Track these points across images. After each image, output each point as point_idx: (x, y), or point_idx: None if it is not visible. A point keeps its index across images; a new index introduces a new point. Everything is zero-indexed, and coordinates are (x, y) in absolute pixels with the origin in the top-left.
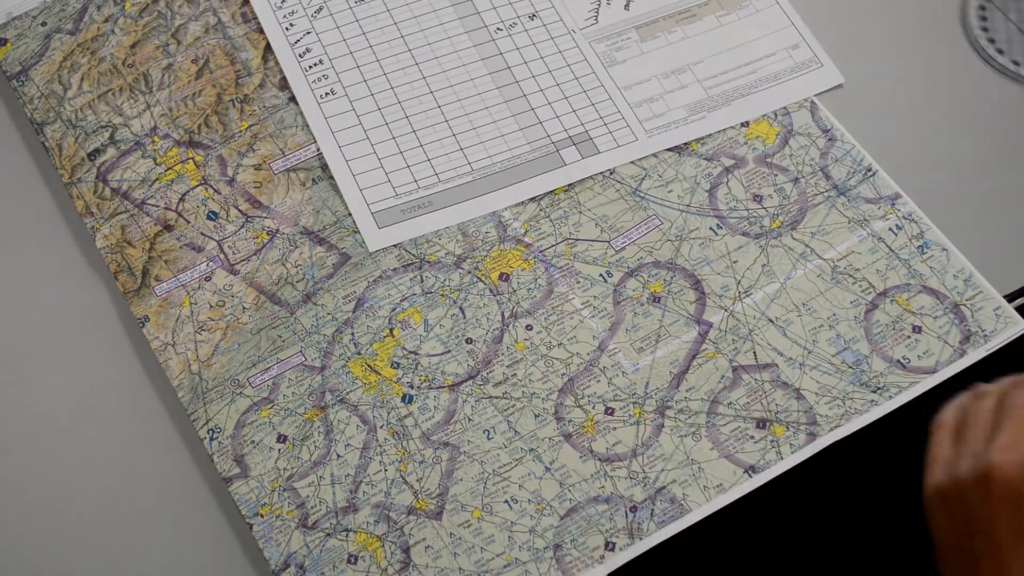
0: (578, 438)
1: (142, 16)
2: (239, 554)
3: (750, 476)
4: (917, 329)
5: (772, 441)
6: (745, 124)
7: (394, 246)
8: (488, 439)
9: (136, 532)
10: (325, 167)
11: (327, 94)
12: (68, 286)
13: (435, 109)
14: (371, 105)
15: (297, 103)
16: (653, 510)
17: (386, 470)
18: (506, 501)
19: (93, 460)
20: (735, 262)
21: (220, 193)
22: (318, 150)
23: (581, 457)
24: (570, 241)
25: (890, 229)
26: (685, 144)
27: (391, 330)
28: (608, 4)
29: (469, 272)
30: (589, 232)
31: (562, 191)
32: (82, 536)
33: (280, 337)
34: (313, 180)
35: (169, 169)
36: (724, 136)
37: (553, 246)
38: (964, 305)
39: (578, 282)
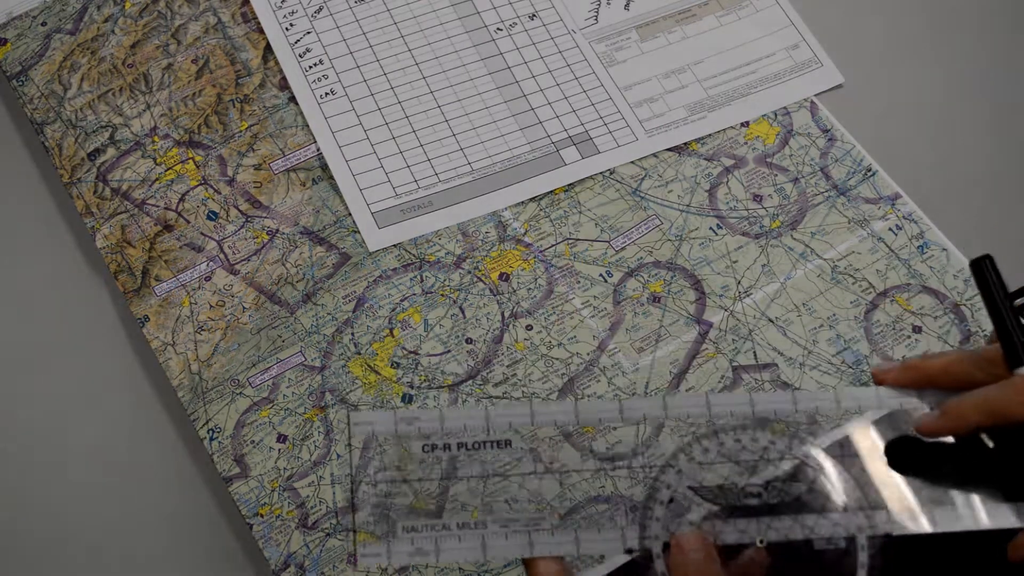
0: (578, 438)
1: (142, 16)
2: (239, 554)
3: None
4: (917, 329)
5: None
6: (745, 124)
7: (394, 246)
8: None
9: (136, 532)
10: (325, 167)
11: (327, 94)
12: (68, 286)
13: (435, 109)
14: (371, 105)
15: (297, 103)
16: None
17: (386, 470)
18: (506, 501)
19: (93, 460)
20: (735, 262)
21: (220, 193)
22: (318, 150)
23: (581, 457)
24: (570, 241)
25: (890, 229)
26: (685, 144)
27: (391, 330)
28: (608, 4)
29: (469, 272)
30: (589, 232)
31: (562, 191)
32: (82, 536)
33: (280, 337)
34: (313, 180)
35: (169, 169)
36: (724, 136)
37: (553, 246)
38: (964, 305)
39: (578, 282)
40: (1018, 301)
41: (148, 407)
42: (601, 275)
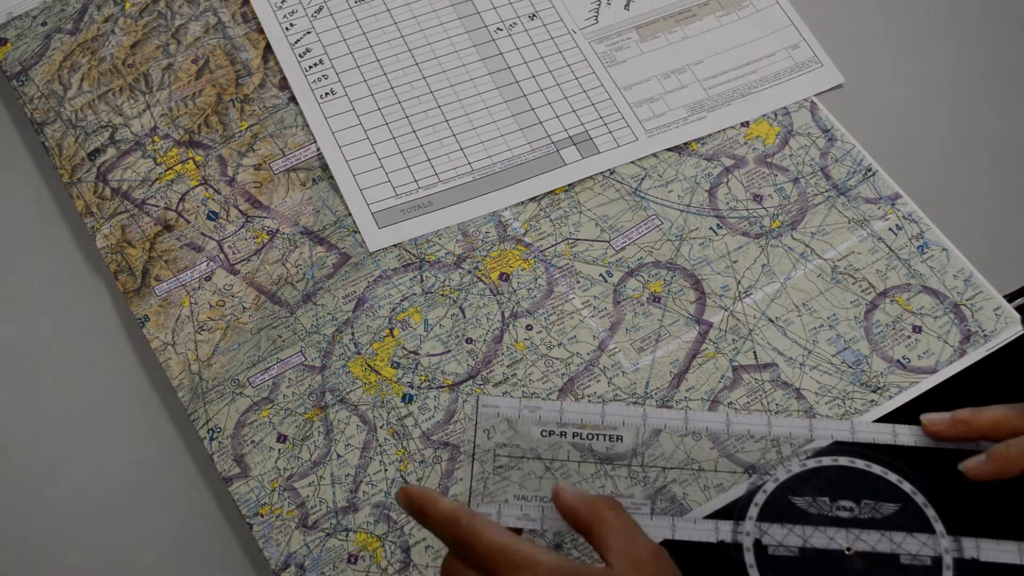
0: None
1: (142, 16)
2: (239, 554)
3: (750, 476)
4: (917, 329)
5: (772, 441)
6: (745, 124)
7: (394, 246)
8: (488, 439)
9: (136, 532)
10: (325, 167)
11: (327, 94)
12: (68, 286)
13: (435, 109)
14: (371, 105)
15: (297, 103)
16: (653, 509)
17: (386, 470)
18: (506, 500)
19: (93, 460)
20: (735, 262)
21: (220, 193)
22: (318, 150)
23: (581, 457)
24: (570, 241)
25: (890, 229)
26: (685, 144)
27: (391, 330)
28: (608, 4)
29: (469, 272)
30: (589, 232)
31: (562, 191)
32: (82, 536)
33: (280, 337)
34: (313, 180)
35: (169, 169)
36: (724, 136)
37: (553, 246)
38: (964, 305)
39: (578, 282)
40: (1017, 301)
41: (148, 407)
42: (601, 275)
